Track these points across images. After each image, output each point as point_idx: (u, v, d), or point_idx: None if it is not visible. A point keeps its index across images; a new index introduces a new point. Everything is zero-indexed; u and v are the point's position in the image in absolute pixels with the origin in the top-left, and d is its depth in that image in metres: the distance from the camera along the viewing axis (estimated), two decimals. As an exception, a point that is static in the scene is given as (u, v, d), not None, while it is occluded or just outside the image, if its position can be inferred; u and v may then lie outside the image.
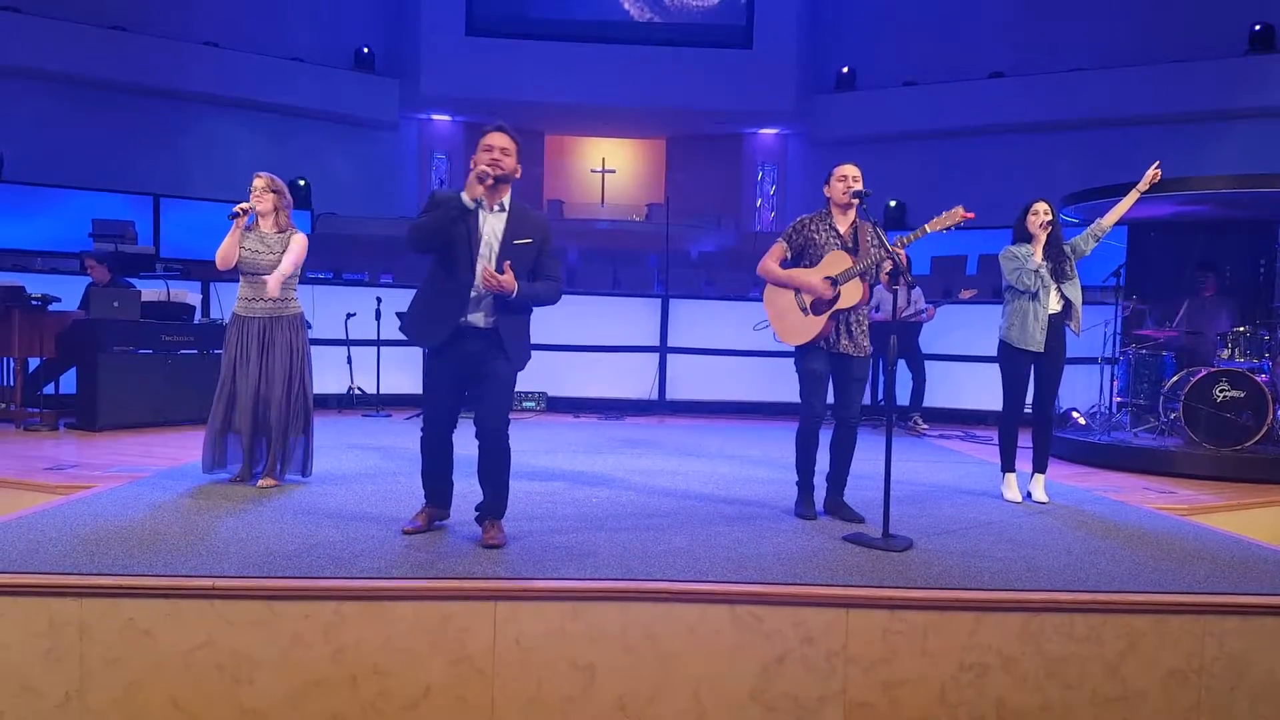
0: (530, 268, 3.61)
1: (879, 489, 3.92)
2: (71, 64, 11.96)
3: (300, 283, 5.01)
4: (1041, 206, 4.82)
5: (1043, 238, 4.79)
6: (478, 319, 3.56)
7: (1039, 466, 4.98)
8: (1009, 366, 4.94)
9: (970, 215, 4.15)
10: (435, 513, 3.81)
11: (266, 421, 4.71)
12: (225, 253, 4.62)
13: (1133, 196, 5.01)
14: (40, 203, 10.61)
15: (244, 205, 4.66)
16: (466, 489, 3.85)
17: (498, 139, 3.51)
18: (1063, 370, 4.97)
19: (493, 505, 3.72)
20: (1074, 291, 4.81)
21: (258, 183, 4.76)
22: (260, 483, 4.69)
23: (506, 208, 3.58)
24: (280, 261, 4.70)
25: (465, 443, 3.77)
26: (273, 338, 4.70)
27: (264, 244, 4.71)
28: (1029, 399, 5.04)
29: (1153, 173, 4.89)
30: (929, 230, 4.21)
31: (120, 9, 12.51)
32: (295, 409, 4.76)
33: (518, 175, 3.57)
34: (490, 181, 3.45)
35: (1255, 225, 7.48)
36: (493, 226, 3.55)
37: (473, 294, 3.52)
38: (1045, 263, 4.77)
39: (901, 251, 4.05)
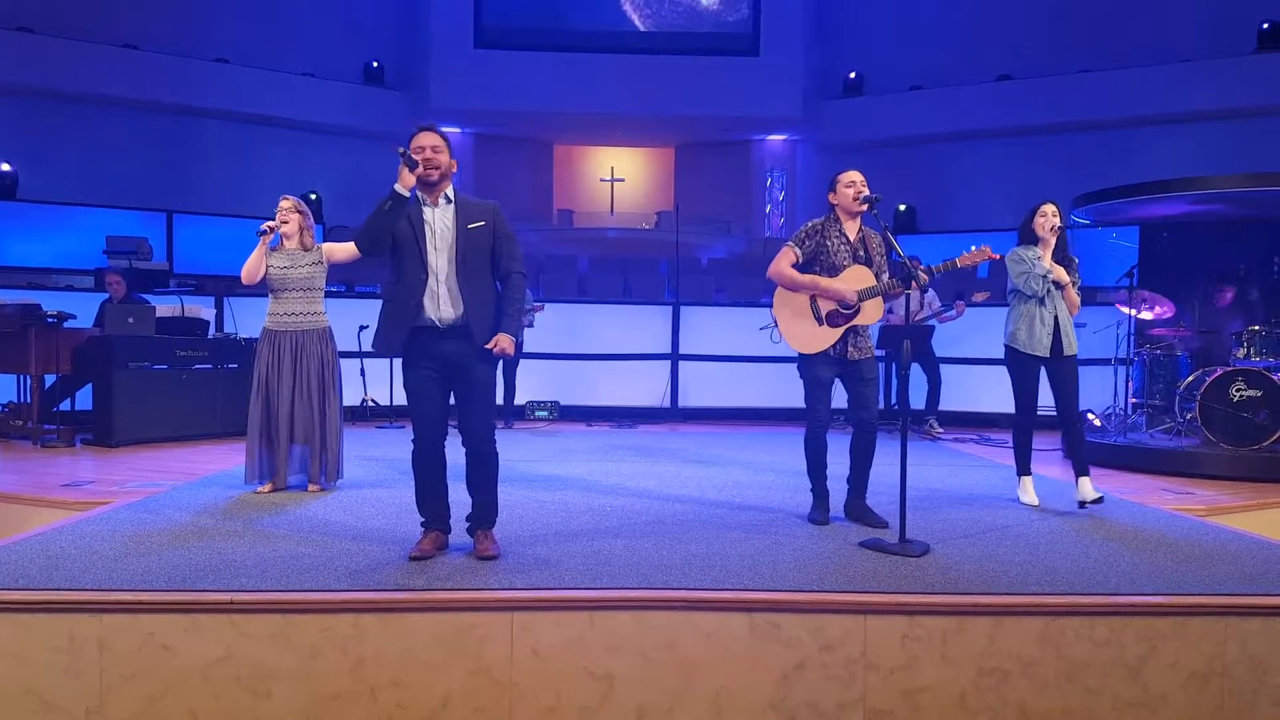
0: (489, 251, 3.60)
1: (895, 494, 3.91)
2: (84, 83, 12.05)
3: (314, 296, 5.11)
4: (1049, 209, 4.77)
5: (1051, 241, 4.74)
6: (440, 314, 3.53)
7: (1080, 470, 4.78)
8: (1017, 371, 4.88)
9: (996, 256, 4.28)
10: (440, 538, 3.69)
11: (304, 431, 4.94)
12: (250, 268, 4.87)
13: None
14: (54, 221, 10.69)
15: (271, 224, 4.90)
16: (464, 497, 3.78)
17: (427, 138, 3.53)
18: (1077, 370, 4.86)
19: (484, 514, 3.69)
20: (1063, 306, 4.76)
21: (284, 204, 5.01)
22: (311, 488, 4.98)
23: (452, 199, 3.59)
24: (314, 273, 4.97)
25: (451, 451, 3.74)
26: (305, 350, 4.94)
27: (291, 260, 4.95)
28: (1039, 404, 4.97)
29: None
30: (958, 265, 4.29)
31: (132, 28, 12.62)
32: (328, 418, 5.00)
33: (454, 170, 3.60)
34: (424, 173, 3.46)
35: (1268, 224, 7.44)
36: (441, 219, 3.56)
37: (431, 292, 3.51)
38: (1053, 266, 4.72)
39: (919, 272, 4.08)
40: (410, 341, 3.58)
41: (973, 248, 4.30)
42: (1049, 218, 4.73)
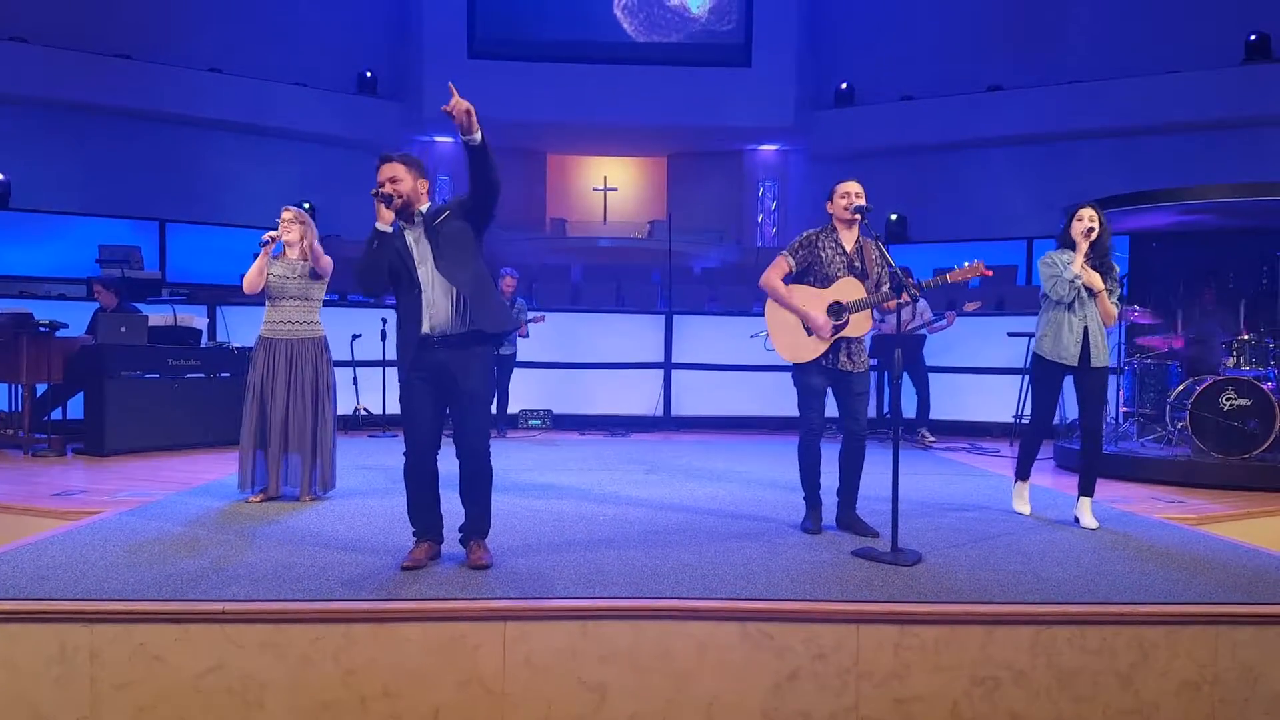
0: (465, 230, 3.55)
1: (886, 503, 3.92)
2: (78, 92, 12.06)
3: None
4: (1087, 213, 4.54)
5: (1084, 245, 4.51)
6: (437, 325, 3.55)
7: (1084, 489, 4.64)
8: (1040, 378, 4.73)
9: (989, 272, 4.21)
10: (432, 547, 3.69)
11: (298, 440, 4.94)
12: (252, 278, 4.91)
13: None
14: (47, 229, 10.66)
15: (272, 234, 4.92)
16: (457, 506, 3.77)
17: (385, 170, 3.57)
18: (1105, 384, 4.68)
19: (477, 525, 3.69)
20: (1095, 315, 4.58)
21: (286, 215, 5.05)
22: (303, 498, 4.95)
23: (423, 215, 3.62)
24: (313, 282, 5.01)
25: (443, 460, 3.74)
26: (300, 359, 4.96)
27: (291, 270, 4.98)
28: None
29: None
30: (949, 280, 4.29)
31: (126, 37, 12.63)
32: (322, 427, 4.99)
33: (424, 188, 3.63)
34: (397, 204, 3.51)
35: (1257, 233, 7.49)
36: (417, 236, 3.60)
37: (423, 304, 3.54)
38: (1085, 271, 4.51)
39: (916, 291, 4.10)
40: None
41: (966, 263, 4.29)
42: (1084, 222, 4.52)
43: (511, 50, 14.08)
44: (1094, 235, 4.50)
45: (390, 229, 3.52)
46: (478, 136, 3.33)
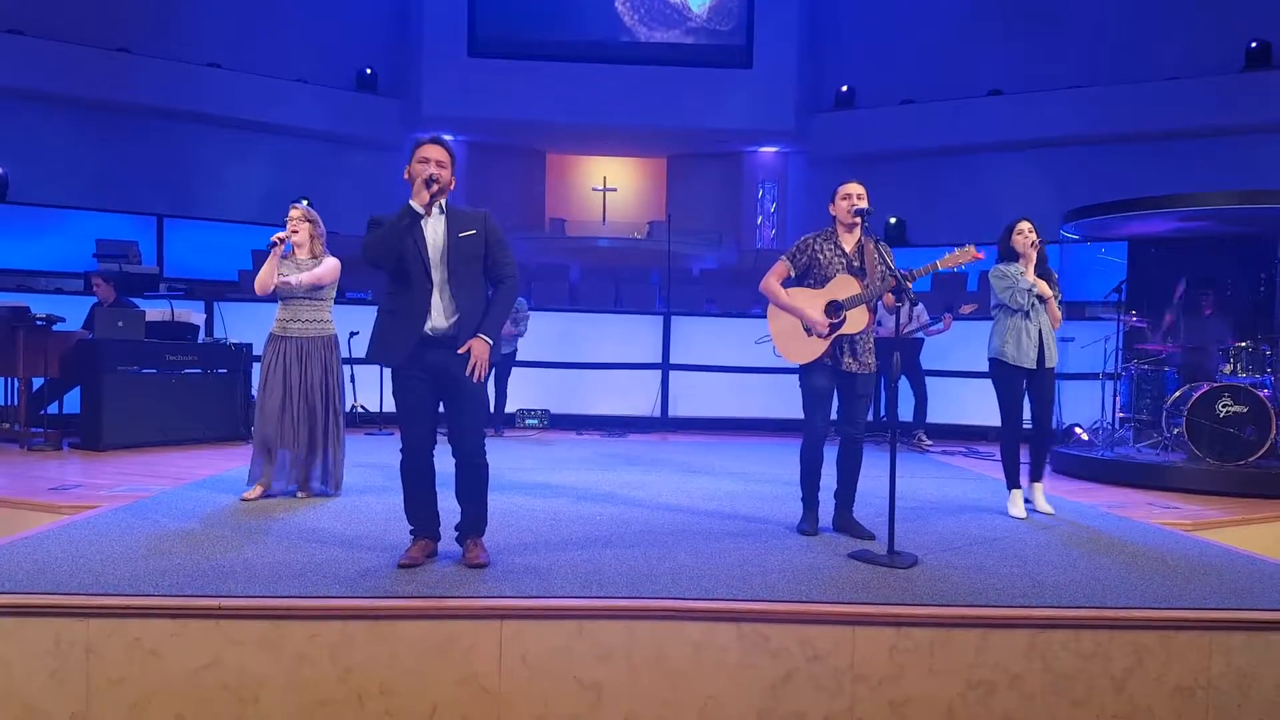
0: (480, 258, 3.61)
1: (884, 506, 3.92)
2: (76, 86, 12.05)
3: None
4: (1026, 226, 4.91)
5: (1033, 256, 4.87)
6: (433, 324, 3.54)
7: (1035, 475, 5.03)
8: (1005, 384, 4.97)
9: (980, 255, 4.22)
10: (429, 545, 3.70)
11: (305, 437, 4.94)
12: (263, 279, 4.89)
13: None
14: (44, 223, 10.65)
15: (281, 234, 4.90)
16: (454, 505, 3.75)
17: (434, 151, 3.55)
18: (1054, 382, 5.02)
19: (474, 523, 3.69)
20: (1046, 320, 4.90)
21: (294, 213, 5.04)
22: (300, 494, 4.96)
23: (444, 210, 3.61)
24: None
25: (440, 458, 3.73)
26: (310, 356, 4.96)
27: (300, 269, 4.97)
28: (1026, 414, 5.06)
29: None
30: (940, 267, 4.25)
31: (125, 32, 12.62)
32: (330, 425, 5.01)
33: (452, 186, 3.61)
34: (434, 189, 3.48)
35: (1255, 241, 7.50)
36: (434, 230, 3.58)
37: (431, 301, 3.54)
38: (1036, 281, 4.85)
39: (908, 284, 4.08)
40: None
41: (956, 249, 4.27)
42: (1026, 235, 4.87)
43: (512, 49, 14.08)
44: (1038, 246, 4.84)
45: (423, 212, 3.48)
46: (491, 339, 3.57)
